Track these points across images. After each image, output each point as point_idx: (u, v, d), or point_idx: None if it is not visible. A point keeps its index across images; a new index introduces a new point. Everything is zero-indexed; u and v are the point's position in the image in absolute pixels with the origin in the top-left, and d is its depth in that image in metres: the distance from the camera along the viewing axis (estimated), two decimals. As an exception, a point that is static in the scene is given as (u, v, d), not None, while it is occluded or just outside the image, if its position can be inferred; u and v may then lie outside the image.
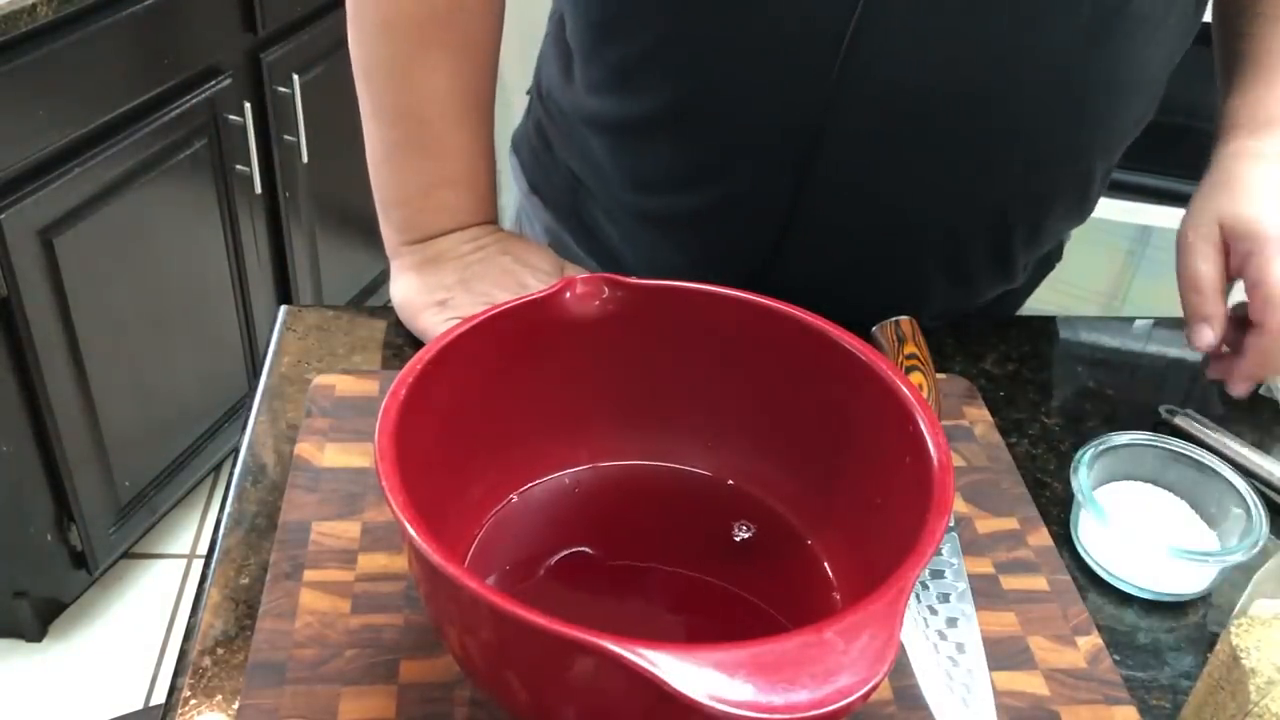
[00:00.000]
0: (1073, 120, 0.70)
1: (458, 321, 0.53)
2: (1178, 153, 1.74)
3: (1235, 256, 0.67)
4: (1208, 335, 0.68)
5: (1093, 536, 0.62)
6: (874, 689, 0.38)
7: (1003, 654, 0.55)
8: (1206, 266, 0.68)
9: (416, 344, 0.73)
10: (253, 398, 0.69)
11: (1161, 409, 0.75)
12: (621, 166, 0.77)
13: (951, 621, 0.56)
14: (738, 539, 0.58)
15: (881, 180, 0.70)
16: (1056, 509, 0.66)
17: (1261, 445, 0.74)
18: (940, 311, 0.81)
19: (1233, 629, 0.49)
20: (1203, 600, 0.61)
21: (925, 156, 0.69)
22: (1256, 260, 0.66)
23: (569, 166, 0.83)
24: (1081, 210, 0.80)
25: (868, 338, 0.73)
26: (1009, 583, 0.59)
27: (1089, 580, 0.62)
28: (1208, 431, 0.72)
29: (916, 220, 0.74)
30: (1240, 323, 0.68)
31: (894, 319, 0.74)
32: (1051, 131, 0.70)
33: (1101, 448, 0.65)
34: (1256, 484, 0.68)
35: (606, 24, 0.71)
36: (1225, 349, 0.70)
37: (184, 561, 1.84)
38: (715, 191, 0.73)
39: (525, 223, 0.91)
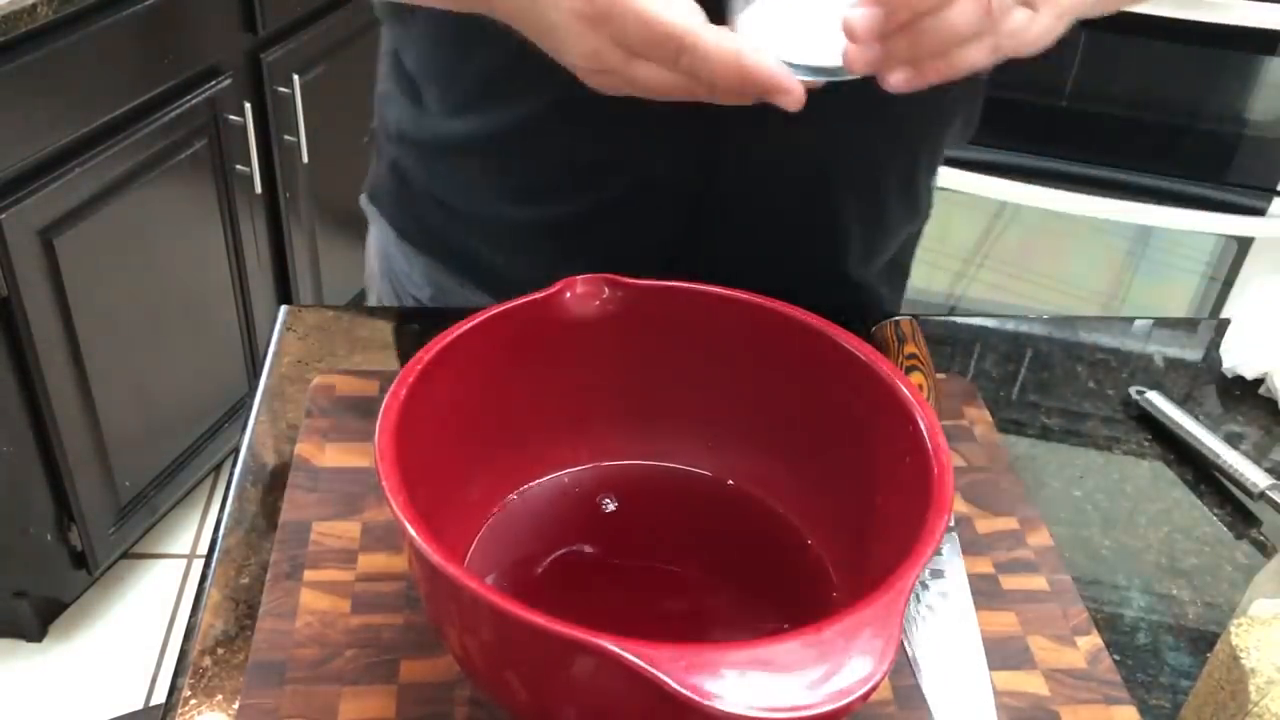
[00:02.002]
0: None
1: None
2: (1178, 153, 1.75)
3: None
4: None
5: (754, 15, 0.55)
6: (874, 689, 0.38)
7: (1002, 654, 0.55)
8: None
9: (417, 344, 0.73)
10: (253, 398, 0.69)
11: (1131, 390, 0.75)
12: (505, 183, 0.74)
13: (951, 621, 0.56)
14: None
15: (792, 137, 0.69)
16: (1057, 509, 0.66)
17: (1261, 445, 0.74)
18: (858, 261, 0.80)
19: (1232, 629, 0.49)
20: (1202, 600, 0.61)
21: (833, 106, 0.68)
22: None
23: (437, 200, 0.79)
24: (972, 119, 0.79)
25: (868, 338, 0.73)
26: (1009, 582, 0.59)
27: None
28: (1174, 413, 0.72)
29: (831, 170, 0.73)
30: None
31: (894, 319, 0.75)
32: None
33: None
34: (1221, 478, 0.69)
35: (470, 34, 0.66)
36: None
37: (184, 561, 1.84)
38: (620, 183, 0.71)
39: (400, 276, 0.85)
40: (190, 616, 0.56)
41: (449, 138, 0.74)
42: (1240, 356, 0.78)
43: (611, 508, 0.59)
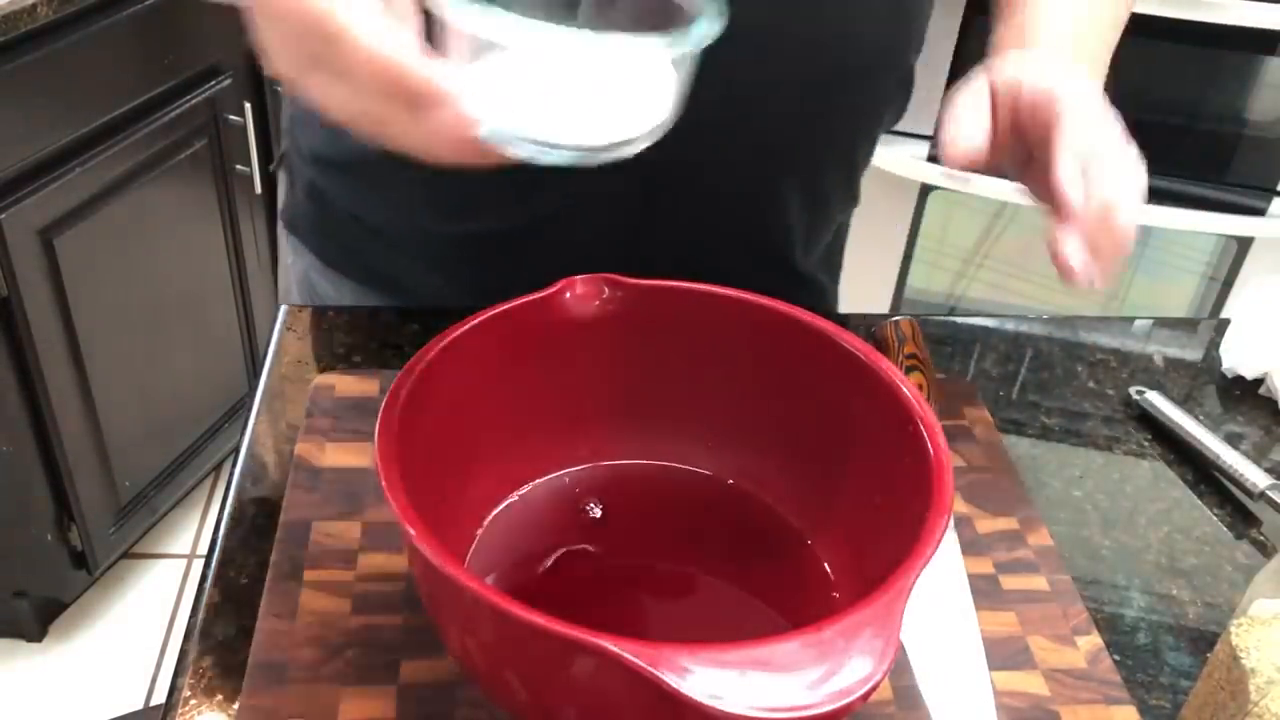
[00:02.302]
0: (897, 20, 0.71)
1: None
2: (1177, 153, 1.75)
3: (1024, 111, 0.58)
4: (960, 147, 0.57)
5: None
6: (874, 689, 0.38)
7: (1003, 654, 0.55)
8: (972, 94, 0.59)
9: (417, 343, 0.73)
10: (253, 398, 0.69)
11: (1131, 390, 0.75)
12: (435, 200, 0.72)
13: (951, 622, 0.56)
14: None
15: (737, 141, 0.69)
16: (1057, 509, 0.66)
17: (1261, 446, 0.74)
18: (802, 252, 0.81)
19: (1232, 629, 0.49)
20: (1202, 600, 0.61)
21: (777, 93, 0.69)
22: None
23: (362, 222, 0.77)
24: (901, 109, 0.80)
25: (868, 338, 0.73)
26: (1009, 582, 0.59)
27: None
28: (1174, 413, 0.72)
29: (776, 172, 0.73)
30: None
31: (894, 319, 0.75)
32: (882, 36, 0.71)
33: None
34: (1221, 478, 0.69)
35: None
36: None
37: (184, 561, 1.84)
38: (558, 195, 0.69)
39: (328, 303, 0.82)
40: (190, 617, 0.56)
41: (373, 156, 0.71)
42: (1240, 356, 0.78)
43: (611, 508, 0.59)
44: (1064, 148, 0.55)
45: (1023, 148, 0.58)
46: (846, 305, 0.94)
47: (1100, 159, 0.54)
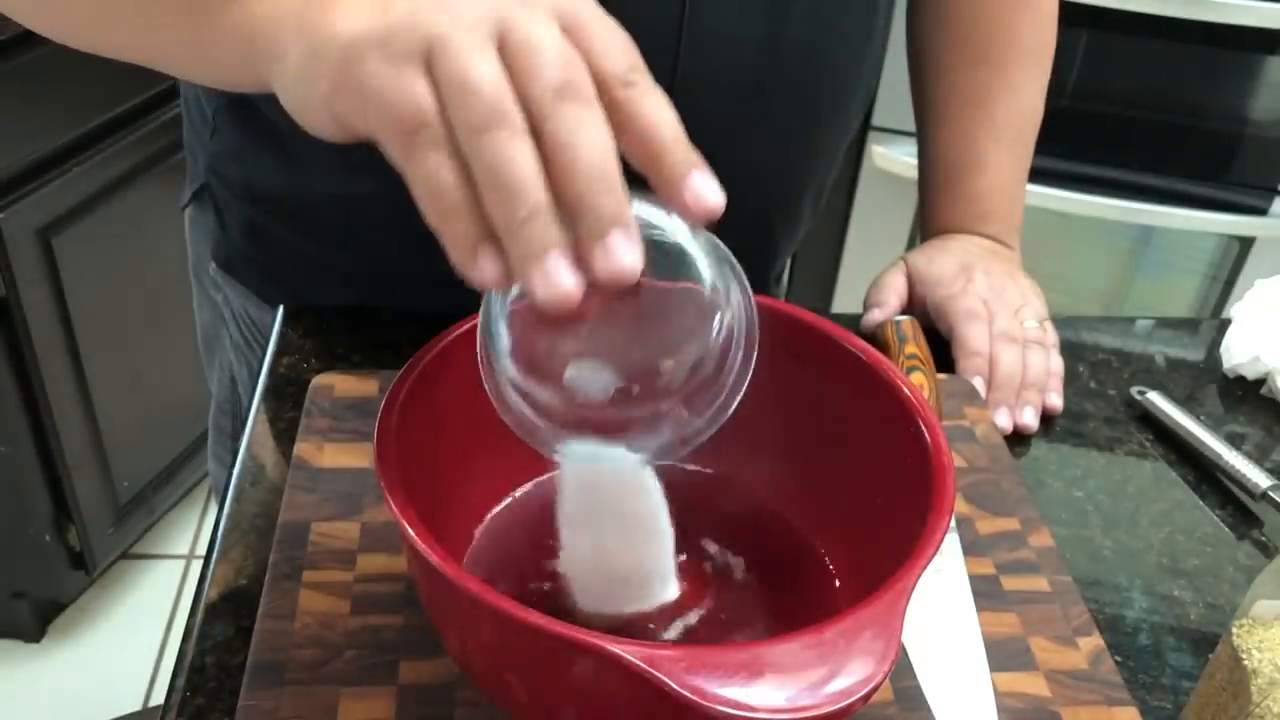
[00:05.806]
0: (867, 47, 0.73)
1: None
2: (1179, 152, 1.75)
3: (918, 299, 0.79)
4: (876, 315, 0.78)
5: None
6: (875, 690, 0.38)
7: (1004, 655, 0.55)
8: (892, 276, 0.80)
9: (416, 344, 0.73)
10: (252, 398, 0.69)
11: (1133, 390, 0.75)
12: (425, 238, 0.70)
13: (952, 622, 0.56)
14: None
15: (733, 167, 0.70)
16: (1058, 510, 0.66)
17: (1263, 446, 0.74)
18: (775, 271, 0.84)
19: (1234, 630, 0.48)
20: (1203, 601, 0.61)
21: (768, 132, 0.70)
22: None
23: (319, 261, 0.75)
24: (862, 117, 0.84)
25: (869, 337, 0.73)
26: (1010, 583, 0.59)
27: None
28: (1175, 414, 0.72)
29: (765, 194, 0.74)
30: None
31: (896, 319, 0.74)
32: (853, 63, 0.73)
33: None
34: (1223, 479, 0.69)
35: None
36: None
37: (183, 562, 1.84)
38: None
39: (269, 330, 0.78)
40: (189, 617, 0.55)
41: (346, 199, 0.69)
42: (1242, 357, 0.78)
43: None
44: (964, 356, 0.74)
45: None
46: (846, 305, 0.94)
47: (996, 358, 0.73)
